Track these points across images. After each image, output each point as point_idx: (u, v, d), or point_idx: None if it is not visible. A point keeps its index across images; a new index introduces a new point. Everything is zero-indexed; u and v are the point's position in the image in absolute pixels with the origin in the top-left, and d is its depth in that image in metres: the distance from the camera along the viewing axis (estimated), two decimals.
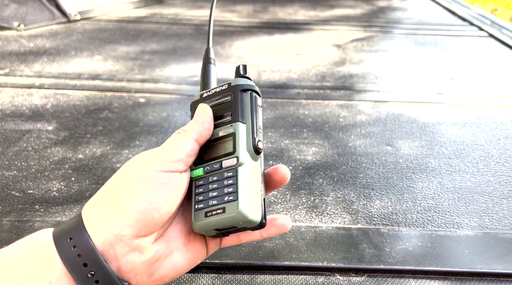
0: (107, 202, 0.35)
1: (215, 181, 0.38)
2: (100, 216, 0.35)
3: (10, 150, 0.81)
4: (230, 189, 0.37)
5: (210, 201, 0.38)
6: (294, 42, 1.53)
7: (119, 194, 0.35)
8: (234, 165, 0.38)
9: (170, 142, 0.38)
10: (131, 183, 0.36)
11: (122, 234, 0.34)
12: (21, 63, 1.24)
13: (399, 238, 0.61)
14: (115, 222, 0.34)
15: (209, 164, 0.39)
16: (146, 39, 1.50)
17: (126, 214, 0.34)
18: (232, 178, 0.38)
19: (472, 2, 3.50)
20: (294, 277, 0.54)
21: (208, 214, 0.38)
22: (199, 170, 0.39)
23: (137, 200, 0.34)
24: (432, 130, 0.94)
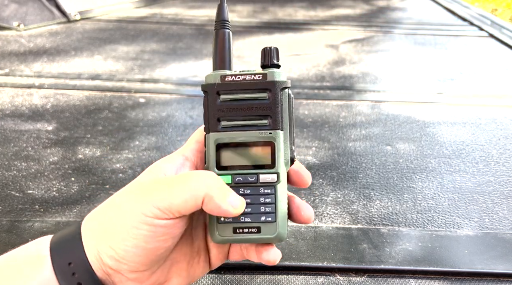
0: (105, 231, 0.33)
1: (248, 195, 0.34)
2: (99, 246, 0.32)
3: (10, 150, 0.81)
4: (268, 209, 0.34)
5: (242, 217, 0.34)
6: (294, 42, 1.53)
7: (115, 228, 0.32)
8: (274, 182, 0.34)
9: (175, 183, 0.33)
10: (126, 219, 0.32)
11: (119, 269, 0.32)
12: (21, 63, 1.24)
13: (399, 238, 0.61)
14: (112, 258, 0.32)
15: (241, 173, 0.34)
16: (146, 39, 1.50)
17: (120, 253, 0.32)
18: (270, 196, 0.34)
19: (472, 2, 3.50)
20: (294, 277, 0.54)
21: (238, 231, 0.34)
22: (226, 178, 0.34)
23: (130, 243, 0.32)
24: (432, 130, 0.93)
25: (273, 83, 0.35)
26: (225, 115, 0.35)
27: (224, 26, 0.37)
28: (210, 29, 1.66)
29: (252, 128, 0.35)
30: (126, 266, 0.32)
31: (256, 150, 0.35)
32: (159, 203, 0.32)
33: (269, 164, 0.34)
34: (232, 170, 0.35)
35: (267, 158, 0.35)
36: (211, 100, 0.35)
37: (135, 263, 0.32)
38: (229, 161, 0.35)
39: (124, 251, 0.32)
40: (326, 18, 1.88)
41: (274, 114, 0.35)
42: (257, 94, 0.35)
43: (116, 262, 0.32)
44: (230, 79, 0.35)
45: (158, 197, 0.32)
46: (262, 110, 0.35)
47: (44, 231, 0.60)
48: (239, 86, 0.35)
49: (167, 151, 0.82)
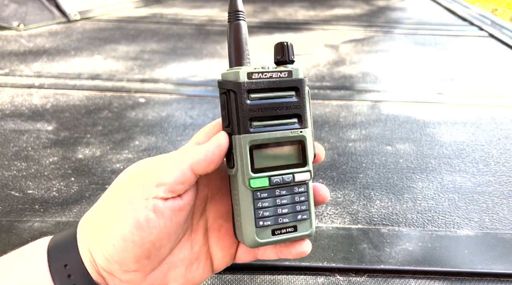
0: (98, 235, 0.32)
1: (284, 196, 0.34)
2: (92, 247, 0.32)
3: (10, 150, 0.81)
4: (303, 207, 0.34)
5: (280, 218, 0.34)
6: (294, 42, 1.52)
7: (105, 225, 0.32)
8: (307, 179, 0.34)
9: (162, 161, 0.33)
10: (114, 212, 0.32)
11: (111, 269, 0.32)
12: (21, 63, 1.24)
13: (399, 238, 0.61)
14: (103, 258, 0.32)
15: (278, 174, 0.34)
16: (146, 39, 1.50)
17: (111, 252, 0.31)
18: (303, 194, 0.34)
19: (472, 2, 3.50)
20: (294, 277, 0.54)
21: (276, 232, 0.34)
22: (263, 180, 0.33)
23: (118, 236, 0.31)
24: (432, 130, 0.93)
25: (300, 81, 0.34)
26: (256, 115, 0.34)
27: (239, 17, 0.35)
28: (210, 29, 1.66)
29: (283, 127, 0.34)
30: (118, 266, 0.32)
31: (289, 150, 0.34)
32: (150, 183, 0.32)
33: (301, 162, 0.34)
34: (268, 172, 0.34)
35: (299, 157, 0.34)
36: (239, 99, 0.33)
37: (126, 261, 0.31)
38: (263, 163, 0.34)
39: (112, 246, 0.31)
40: (326, 18, 1.88)
41: (302, 113, 0.34)
42: (286, 92, 0.34)
43: (107, 262, 0.32)
44: (257, 76, 0.33)
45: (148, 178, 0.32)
46: (292, 109, 0.34)
47: (44, 231, 0.60)
48: (267, 85, 0.34)
49: (167, 151, 0.82)
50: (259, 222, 0.34)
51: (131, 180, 0.33)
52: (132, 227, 0.31)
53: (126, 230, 0.31)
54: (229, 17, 0.35)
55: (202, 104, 1.03)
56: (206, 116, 0.96)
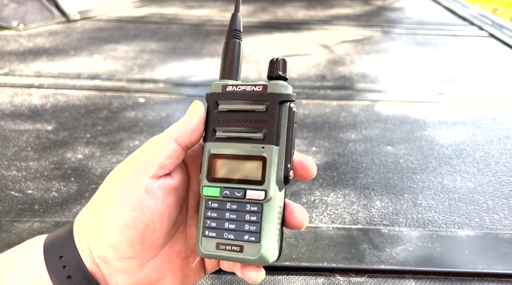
0: (92, 220, 0.33)
1: (234, 211, 0.33)
2: (87, 235, 0.33)
3: (9, 150, 0.81)
4: (253, 228, 0.32)
5: (226, 233, 0.33)
6: (294, 42, 1.53)
7: (101, 213, 0.33)
8: (261, 200, 0.32)
9: (147, 143, 0.34)
10: (110, 199, 0.33)
11: (106, 256, 0.32)
12: (21, 63, 1.24)
13: (400, 238, 0.60)
14: (98, 244, 0.32)
15: (230, 187, 0.33)
16: (146, 39, 1.50)
17: (106, 236, 0.32)
18: (255, 214, 0.32)
19: (472, 1, 3.50)
20: (294, 277, 0.54)
21: (221, 247, 0.33)
22: (215, 190, 0.33)
23: (115, 221, 0.32)
24: (432, 130, 0.93)
25: (272, 95, 0.33)
26: (220, 125, 0.34)
27: (235, 36, 0.37)
28: (209, 29, 1.66)
29: (245, 141, 0.33)
30: (113, 251, 0.32)
31: (248, 165, 0.33)
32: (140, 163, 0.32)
33: (259, 180, 0.33)
34: (221, 183, 0.33)
35: (257, 174, 0.33)
36: (210, 109, 0.34)
37: (120, 244, 0.31)
38: (219, 173, 0.34)
39: (108, 229, 0.32)
40: (326, 18, 1.88)
41: (269, 128, 0.33)
42: (254, 105, 0.33)
43: (102, 247, 0.32)
44: (231, 89, 0.34)
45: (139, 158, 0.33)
46: (257, 122, 0.33)
47: (43, 231, 0.60)
48: (238, 97, 0.33)
49: None
50: (205, 231, 0.33)
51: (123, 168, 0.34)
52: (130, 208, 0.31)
53: (123, 213, 0.31)
54: (227, 34, 0.37)
55: None
56: None
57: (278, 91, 0.33)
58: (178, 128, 0.33)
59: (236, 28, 0.37)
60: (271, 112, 0.33)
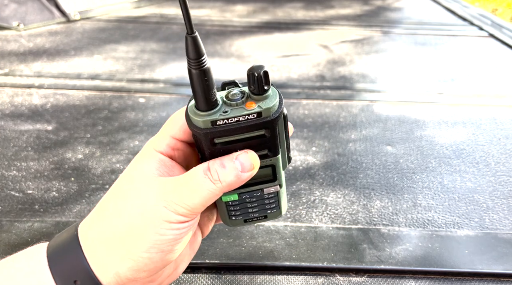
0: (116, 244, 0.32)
1: (254, 202, 0.38)
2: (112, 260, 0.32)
3: (9, 150, 0.81)
4: (273, 205, 0.39)
5: (251, 214, 0.39)
6: (294, 42, 1.53)
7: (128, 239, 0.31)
8: (277, 190, 0.37)
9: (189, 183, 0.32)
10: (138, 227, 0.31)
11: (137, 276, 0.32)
12: (21, 63, 1.24)
13: (399, 238, 0.60)
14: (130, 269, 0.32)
15: (247, 191, 0.36)
16: (146, 39, 1.50)
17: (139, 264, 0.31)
18: (273, 198, 0.38)
19: (472, 1, 3.50)
20: (294, 277, 0.54)
21: (248, 221, 0.40)
22: (233, 196, 0.36)
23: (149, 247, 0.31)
24: (432, 130, 0.93)
25: (271, 121, 0.32)
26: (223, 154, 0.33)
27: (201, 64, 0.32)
28: (209, 29, 1.66)
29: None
30: (145, 273, 0.32)
31: (259, 173, 0.35)
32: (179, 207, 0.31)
33: (271, 179, 0.37)
34: (237, 190, 0.36)
35: (269, 175, 0.36)
36: (205, 145, 0.33)
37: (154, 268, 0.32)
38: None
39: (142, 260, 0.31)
40: (326, 18, 1.88)
41: (272, 144, 0.33)
42: (254, 133, 0.32)
43: (135, 272, 0.32)
44: (222, 122, 0.31)
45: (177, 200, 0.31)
46: (261, 145, 0.33)
47: (44, 231, 0.60)
48: (233, 131, 0.32)
49: None
50: (231, 217, 0.39)
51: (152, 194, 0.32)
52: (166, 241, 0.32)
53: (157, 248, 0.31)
54: (189, 63, 0.32)
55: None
56: None
57: (274, 114, 0.32)
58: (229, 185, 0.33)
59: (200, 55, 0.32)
60: (273, 134, 0.33)
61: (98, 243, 0.32)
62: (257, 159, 0.33)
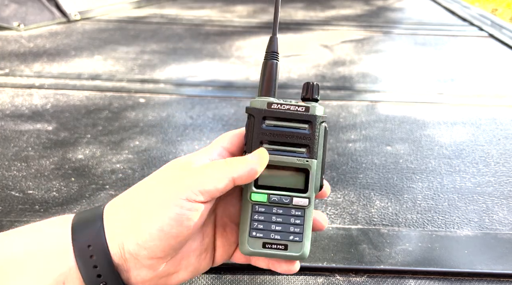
0: (130, 217, 0.35)
1: (280, 215, 0.38)
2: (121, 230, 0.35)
3: (10, 150, 0.81)
4: (297, 229, 0.38)
5: (272, 234, 0.38)
6: (294, 42, 1.53)
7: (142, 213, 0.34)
8: (305, 205, 0.38)
9: (207, 168, 0.36)
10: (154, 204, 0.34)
11: (138, 253, 0.34)
12: (21, 63, 1.24)
13: (399, 238, 0.61)
14: (133, 242, 0.34)
15: (277, 194, 0.38)
16: (146, 39, 1.50)
17: (144, 236, 0.34)
18: (300, 218, 0.38)
19: (472, 2, 3.50)
20: (294, 277, 0.54)
21: (267, 246, 0.38)
22: (263, 196, 0.38)
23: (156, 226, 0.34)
24: (432, 130, 0.93)
25: (315, 117, 0.38)
26: (268, 138, 0.38)
27: (273, 57, 0.41)
28: (210, 29, 1.66)
29: (291, 154, 0.38)
30: (146, 252, 0.34)
31: (292, 175, 0.38)
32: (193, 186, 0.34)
33: (303, 189, 0.38)
34: (268, 190, 0.38)
35: (301, 183, 0.38)
36: (256, 123, 0.38)
37: (156, 248, 0.34)
38: (266, 181, 0.38)
39: (149, 234, 0.34)
40: (326, 18, 1.88)
41: (312, 144, 0.38)
42: (299, 124, 0.38)
43: (137, 246, 0.34)
44: (276, 107, 0.38)
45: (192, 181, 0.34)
46: (302, 139, 0.38)
47: None
48: (283, 115, 0.38)
49: (167, 151, 0.82)
50: (252, 232, 0.38)
51: (175, 178, 0.36)
52: (173, 221, 0.34)
53: (165, 223, 0.34)
54: (265, 55, 0.42)
55: (202, 105, 1.03)
56: (206, 116, 0.97)
57: (318, 113, 0.38)
58: (241, 169, 0.36)
59: (273, 50, 0.42)
60: (314, 132, 0.38)
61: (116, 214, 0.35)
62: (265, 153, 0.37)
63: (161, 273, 0.36)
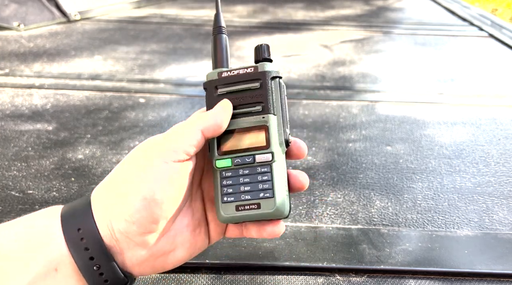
0: (114, 195, 0.35)
1: (246, 175, 0.38)
2: (108, 209, 0.34)
3: (10, 150, 0.81)
4: (266, 186, 0.37)
5: (243, 195, 0.37)
6: (294, 42, 1.53)
7: (124, 187, 0.35)
8: (269, 161, 0.37)
9: (174, 129, 0.37)
10: (134, 175, 0.35)
11: (128, 231, 0.34)
12: (21, 63, 1.24)
13: (399, 238, 0.61)
14: (120, 219, 0.34)
15: (239, 156, 0.38)
16: (146, 39, 1.50)
17: (129, 209, 0.34)
18: (266, 174, 0.37)
19: (472, 2, 3.50)
20: (294, 277, 0.54)
21: (240, 208, 0.37)
22: (226, 161, 0.38)
23: (139, 195, 0.34)
24: (432, 130, 0.94)
25: (263, 73, 0.38)
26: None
27: (221, 31, 0.42)
28: (210, 29, 1.66)
29: (247, 115, 0.38)
30: (135, 226, 0.34)
31: (252, 134, 0.38)
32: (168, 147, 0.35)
33: (264, 145, 0.38)
34: (231, 154, 0.38)
35: (262, 140, 0.38)
36: (209, 95, 0.39)
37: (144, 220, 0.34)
38: (228, 147, 0.38)
39: (133, 206, 0.34)
40: (326, 18, 1.88)
41: (265, 100, 0.38)
42: (249, 84, 0.38)
43: (126, 223, 0.34)
44: (226, 74, 0.39)
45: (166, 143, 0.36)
46: (254, 97, 0.38)
47: None
48: (233, 79, 0.39)
49: None
50: (224, 198, 0.38)
51: (147, 150, 0.36)
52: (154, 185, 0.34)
53: (147, 189, 0.34)
54: (213, 31, 0.42)
55: (202, 105, 1.02)
56: None
57: (267, 69, 0.39)
58: (207, 120, 0.37)
59: (219, 24, 0.42)
60: (265, 87, 0.38)
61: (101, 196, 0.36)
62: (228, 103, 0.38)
63: (156, 252, 0.36)
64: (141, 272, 0.36)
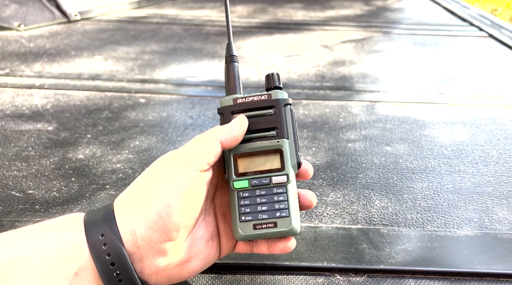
0: (137, 203, 0.37)
1: (263, 195, 0.40)
2: (131, 216, 0.36)
3: (10, 150, 0.81)
4: (282, 206, 0.40)
5: (260, 214, 0.40)
6: (294, 42, 1.53)
7: (147, 195, 0.36)
8: (285, 182, 0.40)
9: (194, 140, 0.39)
10: (156, 184, 0.37)
11: (150, 238, 0.35)
12: (21, 63, 1.24)
13: (399, 238, 0.61)
14: (144, 225, 0.35)
15: (256, 177, 0.41)
16: (146, 39, 1.50)
17: (152, 216, 0.35)
18: (282, 194, 0.40)
19: (472, 2, 3.50)
20: (294, 277, 0.54)
21: (257, 227, 0.40)
22: (244, 182, 0.41)
23: (162, 203, 0.35)
24: (432, 130, 0.94)
25: (277, 100, 0.42)
26: None
27: (233, 60, 0.45)
28: (210, 29, 1.66)
29: (262, 139, 0.41)
30: (157, 234, 0.35)
31: (267, 157, 0.41)
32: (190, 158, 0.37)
33: (279, 168, 0.41)
34: (248, 176, 0.41)
35: (277, 163, 0.41)
36: (226, 120, 0.42)
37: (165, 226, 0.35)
38: (245, 168, 0.41)
39: (157, 213, 0.35)
40: (326, 18, 1.88)
41: (280, 126, 0.41)
42: (264, 110, 0.42)
43: (148, 230, 0.35)
44: (241, 101, 0.42)
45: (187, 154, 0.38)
46: (269, 123, 0.41)
47: None
48: (248, 105, 0.42)
49: (167, 151, 0.82)
50: (242, 217, 0.40)
51: (169, 160, 0.38)
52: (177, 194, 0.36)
53: (171, 197, 0.35)
54: (225, 59, 0.45)
55: (203, 104, 1.03)
56: (206, 116, 0.97)
57: (280, 97, 0.42)
58: (225, 133, 0.40)
59: (231, 53, 0.45)
60: (279, 114, 0.41)
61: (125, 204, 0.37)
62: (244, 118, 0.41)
63: (175, 261, 0.37)
64: (157, 281, 0.37)
